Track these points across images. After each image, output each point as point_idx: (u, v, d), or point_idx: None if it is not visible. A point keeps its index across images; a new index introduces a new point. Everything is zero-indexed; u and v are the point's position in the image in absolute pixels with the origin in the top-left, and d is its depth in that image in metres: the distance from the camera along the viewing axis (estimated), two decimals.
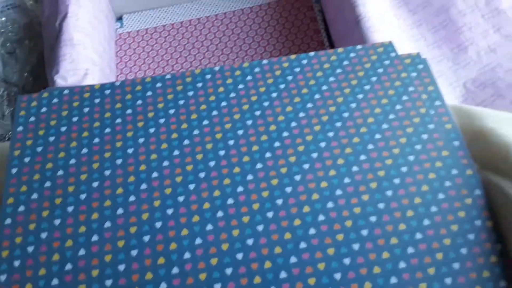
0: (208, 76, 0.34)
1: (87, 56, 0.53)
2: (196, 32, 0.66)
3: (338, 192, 0.29)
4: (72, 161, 0.30)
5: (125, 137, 0.31)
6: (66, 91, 0.34)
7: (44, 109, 0.33)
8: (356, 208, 0.28)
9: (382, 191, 0.29)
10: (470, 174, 0.30)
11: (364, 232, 0.28)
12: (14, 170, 0.30)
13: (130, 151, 0.31)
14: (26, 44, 0.63)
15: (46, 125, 0.32)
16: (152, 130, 0.32)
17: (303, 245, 0.27)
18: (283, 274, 0.26)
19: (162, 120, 0.32)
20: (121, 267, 0.26)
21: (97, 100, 0.33)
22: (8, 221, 0.28)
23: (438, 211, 0.29)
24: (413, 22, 0.58)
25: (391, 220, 0.28)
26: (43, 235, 0.27)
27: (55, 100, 0.34)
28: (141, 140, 0.31)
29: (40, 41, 0.63)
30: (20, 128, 0.32)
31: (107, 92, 0.34)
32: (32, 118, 0.33)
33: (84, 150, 0.31)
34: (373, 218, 0.28)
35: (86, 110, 0.33)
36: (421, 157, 0.30)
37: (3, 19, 0.65)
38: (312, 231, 0.27)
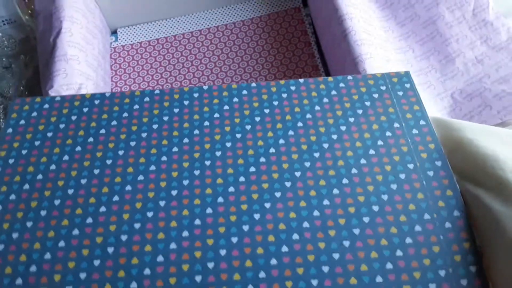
0: (196, 95, 0.35)
1: (81, 71, 0.53)
2: (189, 45, 0.67)
3: (305, 224, 0.29)
4: (52, 167, 0.31)
5: (106, 147, 0.32)
6: (57, 98, 0.36)
7: (34, 114, 0.34)
8: (321, 243, 0.28)
9: (352, 227, 0.29)
10: (450, 195, 0.30)
11: (336, 256, 0.28)
12: None
13: (109, 162, 0.31)
14: (21, 59, 0.64)
15: (34, 129, 0.33)
16: (133, 144, 0.32)
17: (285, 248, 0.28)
18: (262, 274, 0.27)
19: (144, 134, 0.33)
20: (84, 275, 0.27)
21: (85, 109, 0.34)
22: None
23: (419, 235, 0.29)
24: (401, 34, 0.59)
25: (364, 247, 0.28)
26: (15, 235, 0.29)
27: (46, 106, 0.35)
28: (121, 152, 0.32)
29: (35, 56, 0.64)
30: (9, 130, 0.33)
31: (96, 102, 0.35)
32: (22, 122, 0.34)
33: (65, 157, 0.32)
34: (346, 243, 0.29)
35: (73, 118, 0.34)
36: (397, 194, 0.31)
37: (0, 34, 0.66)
38: (284, 248, 0.28)
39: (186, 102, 0.35)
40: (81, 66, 0.54)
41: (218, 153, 0.32)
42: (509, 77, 0.53)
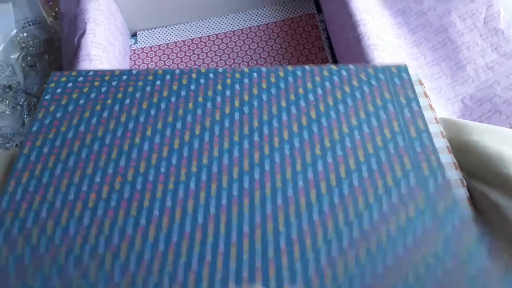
0: (211, 75, 0.39)
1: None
2: (206, 48, 0.69)
3: (300, 183, 0.32)
4: (82, 128, 0.36)
5: (129, 115, 0.37)
6: (91, 73, 0.40)
7: (70, 84, 0.39)
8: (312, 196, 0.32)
9: (343, 187, 0.32)
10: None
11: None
12: (34, 128, 0.36)
13: (130, 126, 0.36)
14: (46, 58, 0.67)
15: (69, 97, 0.38)
16: (152, 112, 0.37)
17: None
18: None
19: (163, 105, 0.37)
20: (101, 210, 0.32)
21: (114, 83, 0.39)
22: (20, 164, 0.34)
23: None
24: (413, 41, 0.61)
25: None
26: (44, 180, 0.33)
27: (80, 79, 0.40)
28: (141, 119, 0.37)
29: (59, 56, 0.67)
30: (47, 97, 0.38)
31: (124, 77, 0.39)
32: (59, 90, 0.39)
33: (94, 120, 0.36)
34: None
35: (103, 89, 0.39)
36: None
37: (25, 34, 0.69)
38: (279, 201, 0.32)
39: (202, 81, 0.39)
40: (104, 66, 0.56)
41: (227, 124, 0.36)
42: None
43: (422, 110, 0.36)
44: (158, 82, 0.39)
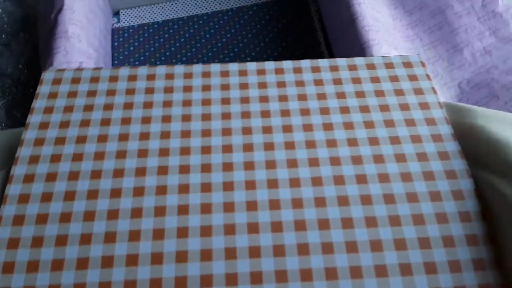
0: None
1: (81, 49, 0.52)
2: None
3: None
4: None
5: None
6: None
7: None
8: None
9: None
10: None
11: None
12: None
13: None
14: (21, 36, 0.63)
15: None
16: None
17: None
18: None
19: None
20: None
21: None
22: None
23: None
24: (409, 23, 0.58)
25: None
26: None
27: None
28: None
29: (35, 34, 0.63)
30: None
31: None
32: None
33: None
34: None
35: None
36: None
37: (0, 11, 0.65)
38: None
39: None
40: (82, 45, 0.53)
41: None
42: None
43: (425, 93, 0.34)
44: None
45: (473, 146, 0.31)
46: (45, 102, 0.34)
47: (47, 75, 0.36)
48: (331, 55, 0.60)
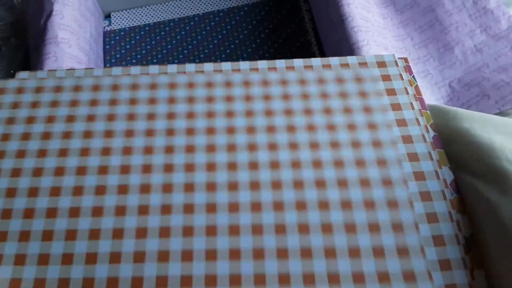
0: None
1: (71, 54, 0.52)
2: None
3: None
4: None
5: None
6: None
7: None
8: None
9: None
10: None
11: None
12: None
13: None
14: (12, 42, 0.63)
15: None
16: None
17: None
18: None
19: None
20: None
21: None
22: None
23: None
24: (400, 22, 0.58)
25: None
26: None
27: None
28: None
29: (26, 39, 0.63)
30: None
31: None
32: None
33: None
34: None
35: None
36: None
37: None
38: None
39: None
40: (72, 50, 0.53)
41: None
42: (508, 67, 0.53)
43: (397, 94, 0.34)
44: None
45: (457, 149, 0.31)
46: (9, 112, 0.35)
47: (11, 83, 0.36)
48: (323, 55, 0.60)
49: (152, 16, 0.68)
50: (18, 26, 0.65)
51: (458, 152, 0.31)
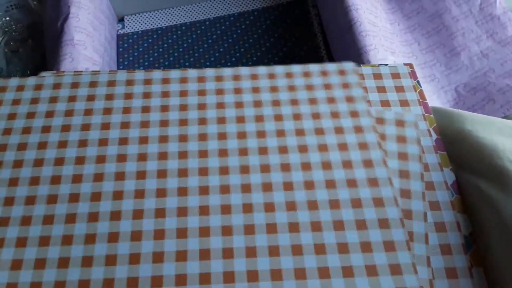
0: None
1: (87, 56, 0.54)
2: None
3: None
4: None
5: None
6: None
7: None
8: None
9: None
10: None
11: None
12: None
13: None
14: (29, 43, 0.65)
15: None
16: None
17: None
18: None
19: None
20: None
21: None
22: None
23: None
24: (407, 27, 0.59)
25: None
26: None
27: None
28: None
29: (43, 41, 0.65)
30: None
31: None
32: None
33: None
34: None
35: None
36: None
37: (7, 18, 0.67)
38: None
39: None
40: (88, 51, 0.54)
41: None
42: None
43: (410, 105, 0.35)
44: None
45: (460, 150, 0.32)
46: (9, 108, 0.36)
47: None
48: (331, 59, 0.61)
49: (164, 20, 0.69)
50: (35, 28, 0.67)
51: (461, 153, 0.32)
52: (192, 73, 0.37)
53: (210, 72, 0.37)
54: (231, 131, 0.34)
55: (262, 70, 0.37)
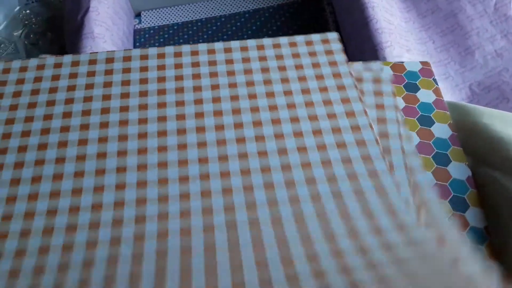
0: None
1: (106, 49, 0.55)
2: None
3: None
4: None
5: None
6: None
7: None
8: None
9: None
10: None
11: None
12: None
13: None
14: (48, 36, 0.66)
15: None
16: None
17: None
18: None
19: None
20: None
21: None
22: None
23: None
24: (422, 26, 0.60)
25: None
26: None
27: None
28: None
29: (61, 34, 0.66)
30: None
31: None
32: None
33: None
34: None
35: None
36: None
37: (28, 11, 0.68)
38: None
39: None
40: (107, 45, 0.55)
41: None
42: None
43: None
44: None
45: (476, 144, 0.32)
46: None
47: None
48: None
49: (180, 16, 0.70)
50: (54, 21, 0.68)
51: (477, 146, 0.32)
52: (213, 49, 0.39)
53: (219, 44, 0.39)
54: (245, 106, 0.35)
55: (251, 42, 0.39)
